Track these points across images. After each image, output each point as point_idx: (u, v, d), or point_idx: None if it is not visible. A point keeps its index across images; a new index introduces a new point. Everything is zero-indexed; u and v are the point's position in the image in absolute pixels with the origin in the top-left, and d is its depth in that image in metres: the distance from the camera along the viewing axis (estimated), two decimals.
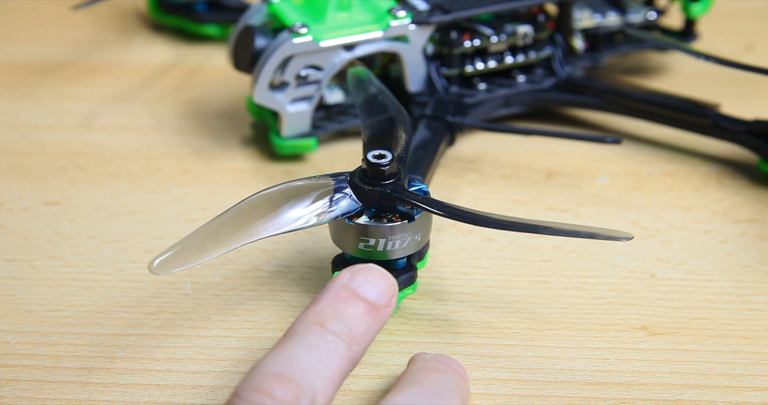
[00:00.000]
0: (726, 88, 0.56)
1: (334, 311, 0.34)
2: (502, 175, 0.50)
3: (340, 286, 0.35)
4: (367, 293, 0.35)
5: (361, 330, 0.34)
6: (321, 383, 0.32)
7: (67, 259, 0.44)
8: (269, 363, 0.32)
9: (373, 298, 0.35)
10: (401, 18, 0.49)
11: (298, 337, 0.33)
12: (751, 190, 0.48)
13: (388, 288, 0.35)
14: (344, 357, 0.33)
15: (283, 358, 0.32)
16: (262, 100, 0.48)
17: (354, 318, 0.34)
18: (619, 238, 0.36)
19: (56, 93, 0.57)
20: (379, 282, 0.35)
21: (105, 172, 0.50)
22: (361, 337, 0.34)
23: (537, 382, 0.38)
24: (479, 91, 0.51)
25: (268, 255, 0.44)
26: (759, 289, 0.42)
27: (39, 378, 0.38)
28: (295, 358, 0.32)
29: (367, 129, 0.41)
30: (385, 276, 0.36)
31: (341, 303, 0.34)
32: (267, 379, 0.31)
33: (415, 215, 0.38)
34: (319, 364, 0.32)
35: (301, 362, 0.32)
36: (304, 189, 0.38)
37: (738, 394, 0.37)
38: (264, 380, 0.31)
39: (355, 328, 0.34)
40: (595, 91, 0.52)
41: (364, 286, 0.35)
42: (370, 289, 0.35)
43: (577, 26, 0.54)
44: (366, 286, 0.35)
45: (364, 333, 0.34)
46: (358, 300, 0.34)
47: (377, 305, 0.35)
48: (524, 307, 0.41)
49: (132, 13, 0.66)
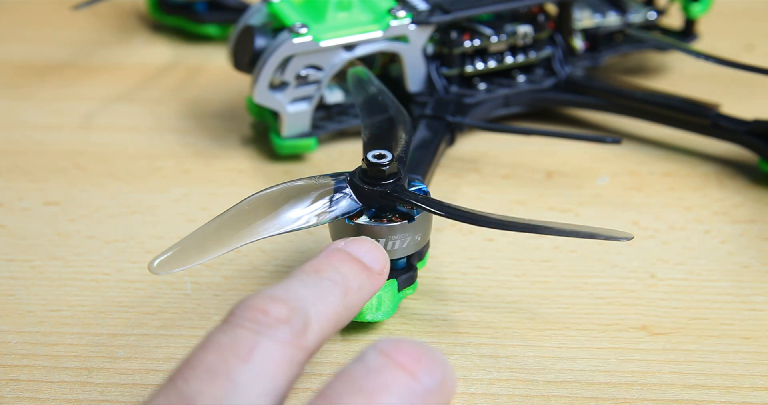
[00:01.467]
0: (726, 88, 0.56)
1: (329, 264, 0.34)
2: (502, 175, 0.50)
3: (335, 249, 0.35)
4: (361, 257, 0.35)
5: (356, 284, 0.34)
6: (316, 313, 0.32)
7: (67, 259, 0.44)
8: (264, 290, 0.32)
9: (367, 261, 0.35)
10: (401, 18, 0.49)
11: (294, 279, 0.33)
12: (751, 190, 0.48)
13: (381, 256, 0.36)
14: (339, 302, 0.33)
15: (280, 287, 0.32)
16: (262, 100, 0.48)
17: (349, 273, 0.34)
18: (619, 238, 0.36)
19: (56, 93, 0.57)
20: (372, 250, 0.36)
21: (105, 172, 0.50)
22: (356, 290, 0.34)
23: (537, 382, 0.38)
24: (479, 91, 0.51)
25: (268, 255, 0.44)
26: (759, 289, 0.42)
27: (39, 378, 0.38)
28: (291, 288, 0.32)
29: (367, 129, 0.41)
30: (378, 247, 0.36)
31: (336, 260, 0.35)
32: (261, 299, 0.31)
33: (415, 215, 0.38)
34: (315, 298, 0.32)
35: (298, 292, 0.32)
36: (304, 189, 0.38)
37: (738, 394, 0.37)
38: (258, 300, 0.31)
39: (351, 281, 0.34)
40: (595, 91, 0.52)
41: (359, 252, 0.35)
42: (364, 253, 0.35)
43: (577, 26, 0.54)
44: (360, 252, 0.35)
45: (358, 288, 0.34)
46: (353, 259, 0.35)
47: (371, 268, 0.35)
48: (524, 307, 0.41)
49: (132, 13, 0.66)
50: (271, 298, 0.31)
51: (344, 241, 0.36)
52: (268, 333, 0.30)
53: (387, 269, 0.36)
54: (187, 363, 0.30)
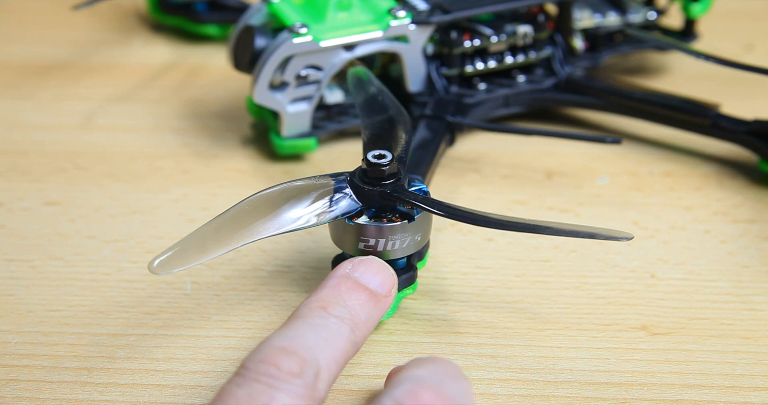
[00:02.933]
0: (726, 88, 0.56)
1: (336, 297, 0.35)
2: (502, 175, 0.50)
3: (342, 276, 0.36)
4: (368, 282, 0.36)
5: (364, 316, 0.35)
6: (325, 360, 0.33)
7: (67, 259, 0.44)
8: (275, 339, 0.33)
9: (374, 287, 0.36)
10: (401, 18, 0.49)
11: (302, 319, 0.34)
12: (751, 190, 0.48)
13: (388, 278, 0.37)
14: (347, 339, 0.34)
15: (289, 335, 0.33)
16: (262, 100, 0.48)
17: (356, 304, 0.35)
18: (619, 238, 0.36)
19: (56, 93, 0.57)
20: (379, 272, 0.36)
21: (105, 172, 0.50)
22: (364, 322, 0.35)
23: (537, 382, 0.38)
24: (479, 91, 0.51)
25: (268, 255, 0.44)
26: (759, 289, 0.42)
27: (39, 378, 0.38)
28: (300, 335, 0.33)
29: (367, 129, 0.41)
30: (386, 267, 0.37)
31: (343, 290, 0.35)
32: (274, 352, 0.32)
33: (415, 215, 0.38)
34: (323, 343, 0.33)
35: (306, 340, 0.33)
36: (304, 189, 0.38)
37: (738, 394, 0.37)
38: (271, 353, 0.32)
39: (358, 313, 0.35)
40: (595, 91, 0.52)
41: (366, 276, 0.36)
42: (371, 278, 0.36)
43: (577, 26, 0.54)
44: (367, 276, 0.36)
45: (366, 319, 0.35)
46: (360, 288, 0.36)
47: (378, 294, 0.36)
48: (524, 307, 0.41)
49: (132, 13, 0.66)
50: (282, 350, 0.32)
51: (351, 263, 0.37)
52: (283, 387, 0.31)
53: (395, 289, 0.37)
54: None
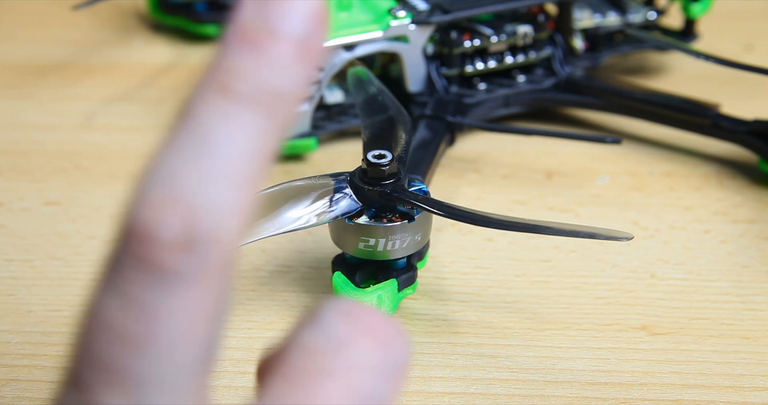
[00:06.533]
0: (726, 88, 0.56)
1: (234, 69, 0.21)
2: (502, 175, 0.50)
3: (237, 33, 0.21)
4: (286, 25, 0.21)
5: (286, 81, 0.21)
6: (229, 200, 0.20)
7: (67, 259, 0.44)
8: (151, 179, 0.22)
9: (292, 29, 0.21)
10: (401, 18, 0.49)
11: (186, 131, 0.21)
12: (751, 190, 0.48)
13: (309, 7, 0.21)
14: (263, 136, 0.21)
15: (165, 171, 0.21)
16: None
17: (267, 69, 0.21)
18: (619, 238, 0.36)
19: (56, 93, 0.57)
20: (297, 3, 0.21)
21: (105, 172, 0.50)
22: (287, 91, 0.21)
23: (537, 382, 0.38)
24: (479, 91, 0.51)
25: (268, 255, 0.44)
26: (759, 289, 0.42)
27: (39, 378, 0.38)
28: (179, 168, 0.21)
29: (367, 129, 0.41)
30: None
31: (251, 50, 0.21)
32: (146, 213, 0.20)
33: (415, 215, 0.38)
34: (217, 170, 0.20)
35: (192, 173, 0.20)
36: (304, 189, 0.38)
37: (738, 394, 0.37)
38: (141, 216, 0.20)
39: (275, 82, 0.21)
40: (595, 91, 0.52)
41: (272, 17, 0.21)
42: (288, 17, 0.21)
43: (577, 26, 0.54)
44: (274, 17, 0.21)
45: (289, 83, 0.21)
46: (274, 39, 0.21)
47: (302, 38, 0.21)
48: (524, 307, 0.41)
49: (132, 13, 0.66)
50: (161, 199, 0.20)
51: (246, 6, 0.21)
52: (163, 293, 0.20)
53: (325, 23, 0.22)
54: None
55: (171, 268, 0.20)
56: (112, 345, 0.20)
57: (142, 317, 0.20)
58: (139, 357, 0.20)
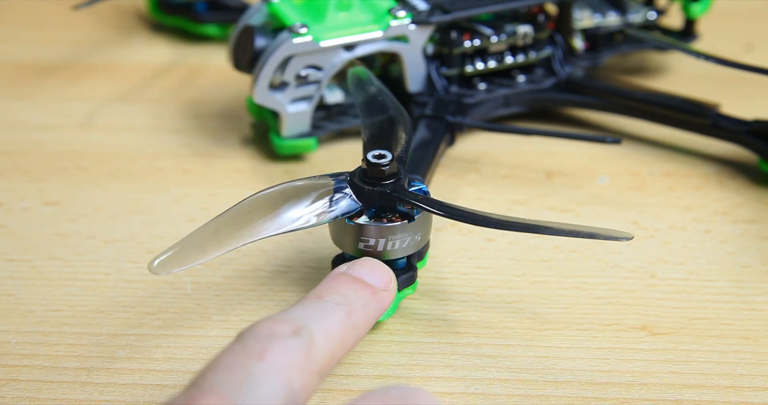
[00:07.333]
0: (726, 88, 0.56)
1: (331, 289, 0.35)
2: (502, 175, 0.50)
3: (336, 274, 0.36)
4: (363, 276, 0.36)
5: (359, 303, 0.34)
6: (319, 330, 0.32)
7: (67, 259, 0.44)
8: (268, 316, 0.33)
9: (370, 280, 0.36)
10: (401, 18, 0.49)
11: (297, 305, 0.34)
12: (751, 190, 0.48)
13: (384, 274, 0.36)
14: (343, 320, 0.33)
15: (282, 312, 0.33)
16: (262, 100, 0.48)
17: (350, 293, 0.34)
18: (619, 238, 0.36)
19: (56, 93, 0.57)
20: (375, 268, 0.36)
21: (105, 172, 0.50)
22: (360, 309, 0.34)
23: (537, 382, 0.38)
24: (479, 91, 0.51)
25: (268, 255, 0.44)
26: (759, 289, 0.42)
27: (39, 378, 0.38)
28: (294, 312, 0.33)
29: (367, 129, 0.41)
30: (382, 265, 0.37)
31: (339, 283, 0.35)
32: (266, 321, 0.32)
33: (415, 215, 0.38)
34: (317, 318, 0.33)
35: (300, 314, 0.33)
36: (304, 189, 0.38)
37: (738, 394, 0.37)
38: (263, 322, 0.32)
39: (353, 301, 0.34)
40: (595, 91, 0.52)
41: (362, 272, 0.36)
42: (365, 274, 0.36)
43: (577, 26, 0.54)
44: (363, 272, 0.36)
45: (362, 306, 0.34)
46: (355, 281, 0.35)
47: (375, 286, 0.36)
48: (524, 307, 0.41)
49: (132, 13, 0.66)
50: (275, 320, 0.32)
51: (346, 265, 0.37)
52: (278, 342, 0.31)
53: (393, 285, 0.37)
54: (205, 368, 0.30)
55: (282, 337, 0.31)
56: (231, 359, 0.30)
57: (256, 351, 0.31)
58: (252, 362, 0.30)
